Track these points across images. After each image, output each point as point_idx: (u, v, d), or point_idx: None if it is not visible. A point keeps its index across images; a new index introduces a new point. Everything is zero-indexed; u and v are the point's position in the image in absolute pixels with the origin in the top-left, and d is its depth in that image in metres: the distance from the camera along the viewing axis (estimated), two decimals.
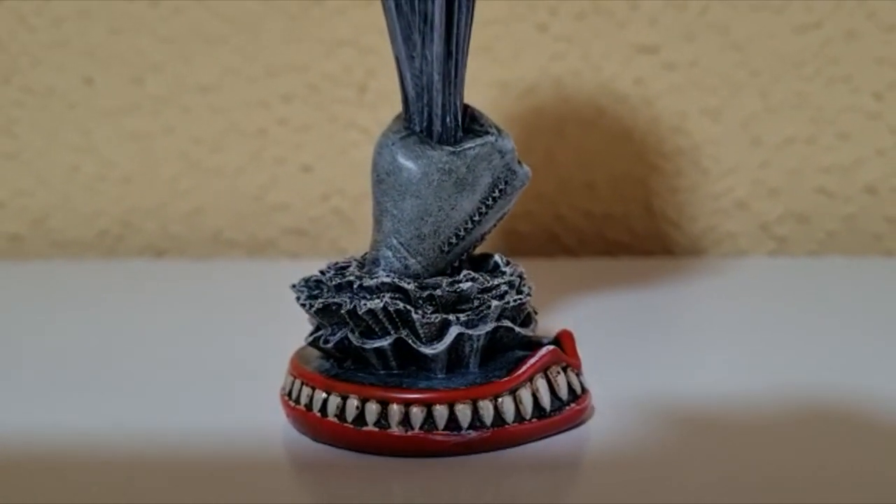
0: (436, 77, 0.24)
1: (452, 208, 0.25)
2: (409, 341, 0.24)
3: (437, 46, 0.24)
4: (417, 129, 0.25)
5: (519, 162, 0.25)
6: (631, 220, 0.51)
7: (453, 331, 0.24)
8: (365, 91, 0.51)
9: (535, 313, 0.27)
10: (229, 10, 0.51)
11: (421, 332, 0.24)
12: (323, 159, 0.52)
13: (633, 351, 0.36)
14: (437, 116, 0.24)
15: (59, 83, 0.52)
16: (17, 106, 0.52)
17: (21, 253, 0.53)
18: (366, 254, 0.27)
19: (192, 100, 0.52)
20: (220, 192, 0.52)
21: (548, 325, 0.38)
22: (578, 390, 0.26)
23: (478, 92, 0.48)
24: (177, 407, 0.29)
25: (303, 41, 0.51)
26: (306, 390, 0.25)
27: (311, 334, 0.26)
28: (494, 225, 0.26)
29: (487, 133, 0.25)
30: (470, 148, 0.24)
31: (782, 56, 0.50)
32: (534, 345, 0.26)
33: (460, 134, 0.25)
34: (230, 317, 0.42)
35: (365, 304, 0.24)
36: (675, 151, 0.51)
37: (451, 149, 0.24)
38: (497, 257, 0.27)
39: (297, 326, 0.27)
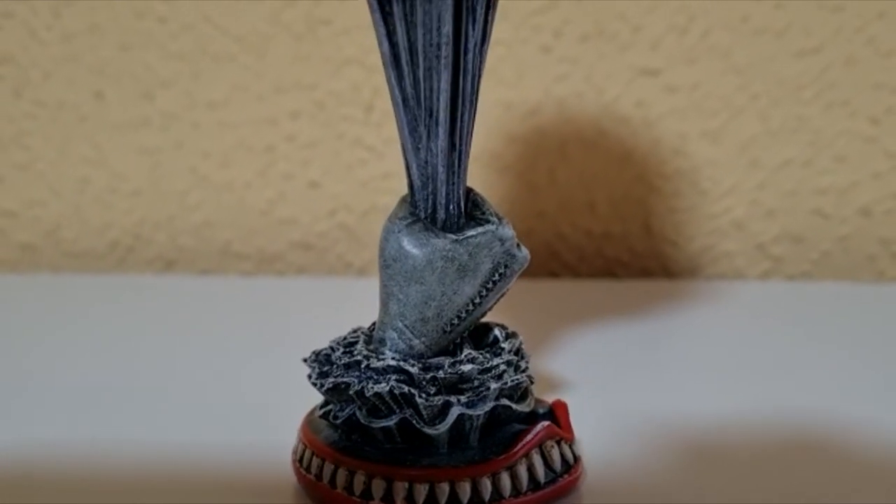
0: (440, 169, 0.25)
1: (455, 293, 0.26)
2: (413, 421, 0.25)
3: (441, 141, 0.25)
4: (422, 215, 0.26)
5: (518, 245, 0.27)
6: (630, 238, 0.53)
7: (454, 411, 0.25)
8: (371, 109, 0.52)
9: (532, 382, 0.28)
10: (238, 28, 0.52)
11: (424, 413, 0.25)
12: (330, 175, 0.53)
13: (628, 378, 0.37)
14: (441, 205, 0.26)
15: (70, 97, 0.53)
16: (30, 118, 0.53)
17: (33, 262, 0.54)
18: (372, 325, 0.28)
19: (201, 116, 0.53)
20: (228, 206, 0.53)
21: (547, 351, 0.40)
22: (571, 461, 0.27)
23: (482, 112, 0.49)
24: (184, 443, 0.31)
25: (310, 60, 0.52)
26: (317, 461, 0.26)
27: (322, 408, 0.27)
28: (495, 303, 0.27)
29: (488, 221, 0.26)
30: (472, 236, 0.26)
31: (782, 80, 0.51)
32: (531, 417, 0.27)
33: (463, 221, 0.26)
34: (237, 334, 0.43)
35: (372, 387, 0.25)
36: (674, 172, 0.52)
37: (454, 237, 0.25)
38: (497, 331, 0.28)
39: (297, 347, 0.29)
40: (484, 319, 0.28)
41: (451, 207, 0.26)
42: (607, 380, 0.36)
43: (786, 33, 0.50)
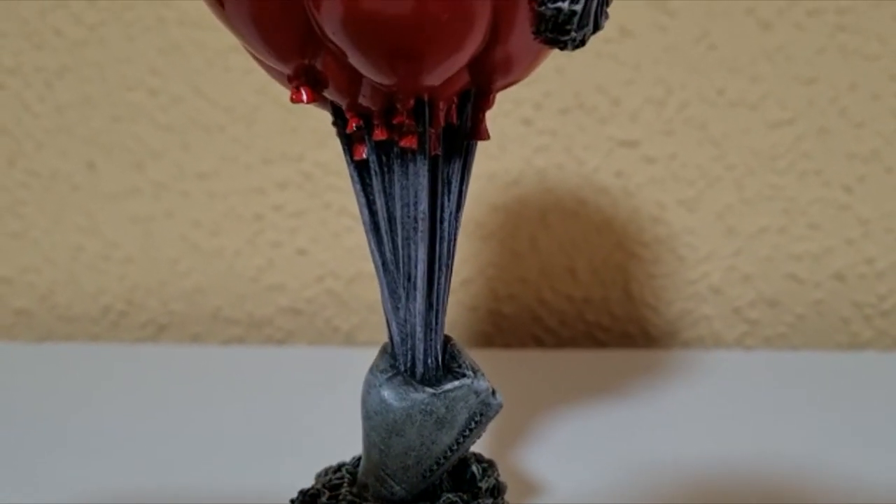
0: (418, 328, 0.27)
1: (433, 443, 0.27)
2: None
3: (419, 303, 0.26)
4: (402, 368, 0.27)
5: (494, 392, 0.28)
6: (610, 303, 0.54)
7: None
8: None
9: None
10: (227, 100, 0.53)
11: None
12: (317, 243, 0.54)
13: (606, 450, 0.39)
14: (419, 360, 0.27)
15: (63, 167, 0.54)
16: (23, 188, 0.55)
17: (29, 326, 0.56)
18: (356, 460, 0.29)
19: (191, 185, 0.54)
20: (219, 273, 0.55)
21: (528, 420, 0.41)
22: None
23: None
24: None
25: (297, 131, 0.53)
26: None
27: None
28: (471, 444, 0.29)
29: (464, 375, 0.27)
30: (449, 390, 0.27)
31: (757, 150, 0.52)
32: None
33: (441, 373, 0.27)
34: (225, 405, 0.44)
35: None
36: (653, 240, 0.53)
37: (432, 391, 0.27)
38: (474, 468, 0.29)
39: (284, 420, 0.30)
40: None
41: (430, 361, 0.27)
42: (586, 452, 0.38)
43: (760, 105, 0.51)
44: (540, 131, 0.52)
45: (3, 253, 0.55)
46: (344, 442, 0.33)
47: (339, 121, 0.25)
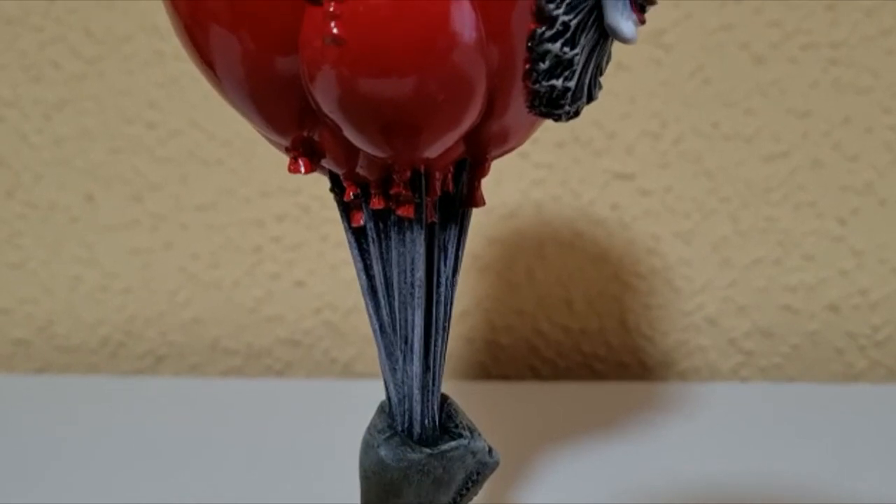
0: (415, 391, 0.27)
1: (430, 503, 0.28)
2: None
3: (416, 366, 0.27)
4: (399, 428, 0.28)
5: (490, 451, 0.28)
6: (607, 334, 0.54)
7: None
8: None
9: None
10: (225, 133, 0.53)
11: None
12: (315, 275, 0.55)
13: (602, 483, 0.39)
14: (416, 420, 0.27)
15: (61, 199, 0.54)
16: (22, 219, 0.55)
17: (27, 357, 0.56)
18: None
19: (189, 217, 0.54)
20: (217, 304, 0.55)
21: (524, 454, 0.42)
22: None
23: None
24: None
25: None
26: None
27: None
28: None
29: (461, 436, 0.28)
30: (447, 451, 0.27)
31: (751, 183, 0.52)
32: None
33: (437, 433, 0.28)
34: (223, 438, 0.45)
35: None
36: (649, 271, 0.53)
37: (429, 451, 0.27)
38: None
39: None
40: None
41: (427, 422, 0.27)
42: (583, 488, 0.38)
43: (755, 138, 0.52)
44: (536, 164, 0.52)
45: (2, 283, 0.55)
46: (341, 473, 0.33)
47: (337, 188, 0.26)
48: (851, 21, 0.50)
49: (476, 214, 0.53)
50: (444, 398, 0.28)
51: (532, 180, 0.53)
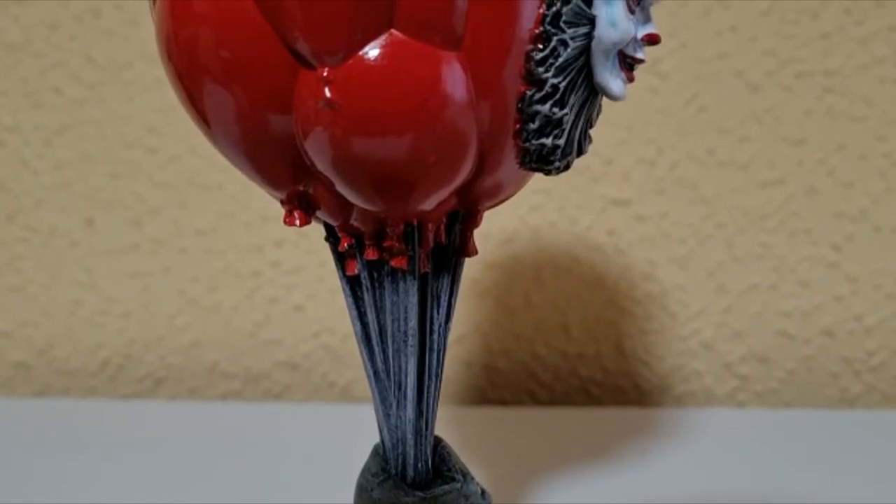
0: (409, 436, 0.27)
1: None
2: None
3: (409, 412, 0.27)
4: (393, 471, 0.28)
5: (483, 494, 0.29)
6: (603, 359, 0.55)
7: None
8: None
9: None
10: (224, 159, 0.53)
11: None
12: (313, 300, 0.55)
13: None
14: (410, 464, 0.28)
15: (61, 223, 0.55)
16: (22, 243, 0.55)
17: (27, 380, 0.56)
18: None
19: (189, 242, 0.55)
20: (216, 328, 0.55)
21: (520, 481, 0.42)
22: None
23: None
24: None
25: None
26: None
27: None
28: None
29: (454, 479, 0.28)
30: (439, 494, 0.28)
31: (747, 210, 0.53)
32: None
33: (431, 477, 0.28)
34: (223, 464, 0.45)
35: None
36: (645, 297, 0.54)
37: (422, 494, 0.28)
38: None
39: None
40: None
41: (420, 466, 0.28)
42: None
43: (750, 165, 0.52)
44: (534, 190, 0.53)
45: (2, 307, 0.56)
46: (338, 496, 0.34)
47: (332, 238, 0.26)
48: (846, 50, 0.51)
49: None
50: (438, 441, 0.29)
51: (529, 206, 0.53)
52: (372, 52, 0.21)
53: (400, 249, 0.25)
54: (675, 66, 0.51)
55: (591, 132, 0.25)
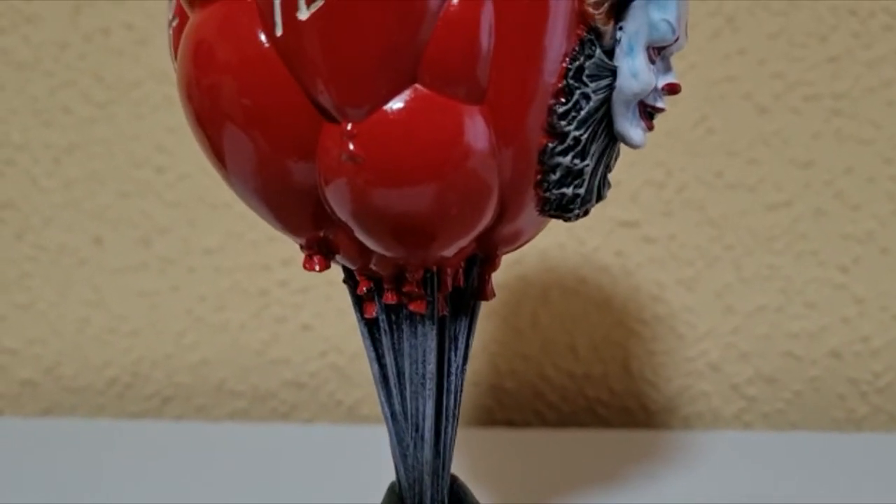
0: (426, 476, 0.27)
1: None
2: None
3: (426, 452, 0.27)
4: None
5: None
6: (610, 379, 0.55)
7: None
8: None
9: None
10: None
11: None
12: (321, 319, 0.55)
13: None
14: None
15: (69, 241, 0.55)
16: (31, 261, 0.55)
17: (34, 397, 0.56)
18: None
19: (197, 261, 0.55)
20: (224, 347, 0.55)
21: (528, 498, 0.42)
22: None
23: None
24: None
25: None
26: None
27: None
28: None
29: None
30: None
31: (754, 231, 0.53)
32: None
33: None
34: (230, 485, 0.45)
35: None
36: (652, 318, 0.54)
37: None
38: None
39: None
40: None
41: None
42: None
43: (758, 187, 0.52)
44: None
45: (10, 324, 0.56)
46: None
47: (350, 281, 0.26)
48: (853, 73, 0.51)
49: None
50: (454, 479, 0.29)
51: None
52: (396, 106, 0.21)
53: (419, 294, 0.25)
54: (683, 88, 0.51)
55: (610, 177, 0.25)
